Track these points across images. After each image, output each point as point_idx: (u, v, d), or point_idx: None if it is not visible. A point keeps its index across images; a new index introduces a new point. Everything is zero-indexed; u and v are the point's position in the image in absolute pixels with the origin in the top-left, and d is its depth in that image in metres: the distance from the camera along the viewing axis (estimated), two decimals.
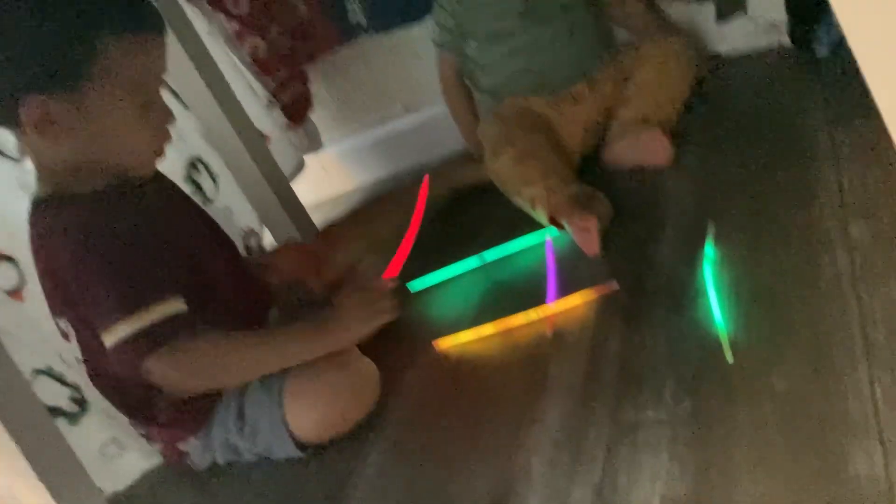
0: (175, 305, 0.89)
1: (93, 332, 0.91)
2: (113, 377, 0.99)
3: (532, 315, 1.01)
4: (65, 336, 0.98)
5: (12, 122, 0.90)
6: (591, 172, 1.26)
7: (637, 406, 0.81)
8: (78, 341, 0.97)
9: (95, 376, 1.01)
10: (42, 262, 0.94)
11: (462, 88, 1.42)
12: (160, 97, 0.96)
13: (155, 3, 0.97)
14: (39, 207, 0.94)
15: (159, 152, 0.98)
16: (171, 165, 1.29)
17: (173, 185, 1.09)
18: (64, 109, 0.88)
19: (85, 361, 0.99)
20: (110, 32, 0.89)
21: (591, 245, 1.07)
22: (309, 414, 0.97)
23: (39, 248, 0.94)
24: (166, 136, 0.97)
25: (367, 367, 1.00)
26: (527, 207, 1.18)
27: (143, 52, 0.92)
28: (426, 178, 1.25)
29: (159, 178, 1.05)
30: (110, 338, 0.88)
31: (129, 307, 0.87)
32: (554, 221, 1.13)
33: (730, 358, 0.81)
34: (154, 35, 0.94)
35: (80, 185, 0.92)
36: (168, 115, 0.96)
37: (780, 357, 0.78)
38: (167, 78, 1.37)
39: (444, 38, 1.39)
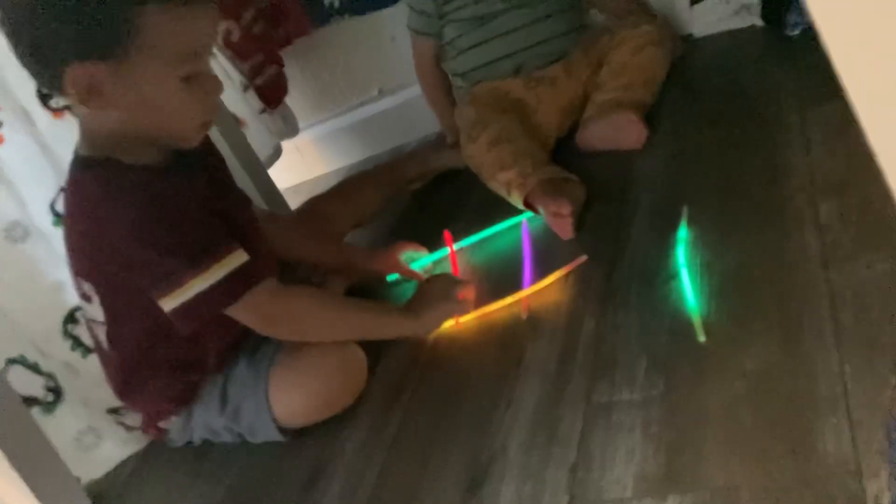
0: (239, 256, 0.90)
1: (134, 298, 0.91)
2: (129, 345, 0.98)
3: (507, 299, 1.01)
4: (86, 298, 0.97)
5: (58, 89, 0.88)
6: (565, 155, 1.26)
7: (611, 387, 0.82)
8: (102, 304, 0.96)
9: (112, 343, 0.99)
10: (86, 225, 0.92)
11: (439, 74, 1.40)
12: (208, 67, 0.94)
13: None
14: (86, 166, 0.92)
15: (206, 126, 0.96)
16: None
17: (218, 156, 1.07)
18: (108, 79, 0.86)
19: (106, 325, 0.98)
20: (156, 1, 0.86)
21: (565, 229, 1.07)
22: (294, 397, 0.97)
23: (86, 209, 0.92)
24: (214, 109, 0.96)
25: (356, 352, 1.00)
26: (502, 192, 1.18)
27: (191, 20, 0.89)
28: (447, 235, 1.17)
29: (208, 150, 1.03)
30: (178, 297, 0.88)
31: (199, 265, 0.88)
32: (529, 206, 1.13)
33: (702, 337, 0.82)
34: (203, 3, 0.90)
35: (128, 154, 0.91)
36: (216, 87, 0.94)
37: (751, 337, 0.79)
38: None
39: (423, 23, 1.36)
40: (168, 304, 0.89)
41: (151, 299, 0.90)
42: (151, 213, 0.89)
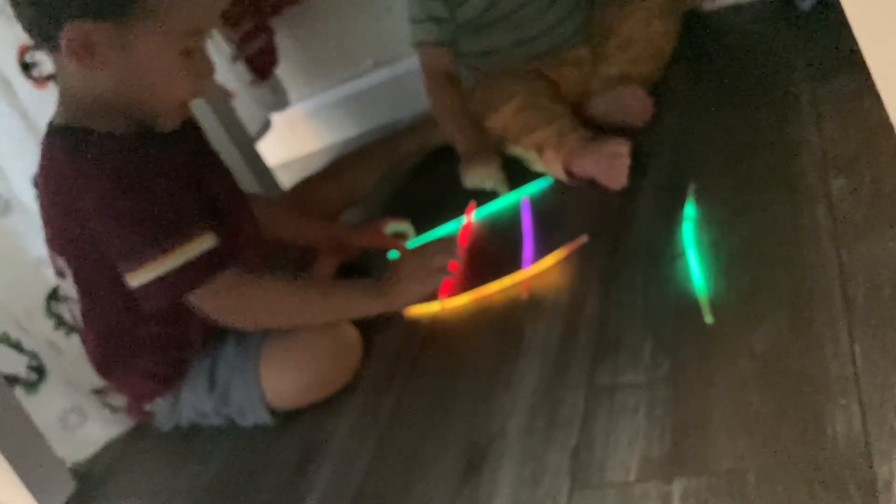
0: (207, 240, 0.88)
1: (106, 272, 0.89)
2: (105, 322, 0.96)
3: (507, 280, 0.99)
4: (60, 274, 0.95)
5: (51, 44, 0.86)
6: None
7: (615, 368, 0.80)
8: (76, 281, 0.93)
9: (87, 320, 0.97)
10: (54, 196, 0.90)
11: (457, 88, 1.27)
12: (205, 47, 0.92)
13: None
14: (59, 134, 0.90)
15: (186, 107, 0.94)
16: None
17: (197, 128, 1.04)
18: (107, 39, 0.84)
19: (80, 301, 0.95)
20: None
21: (620, 174, 1.03)
22: (286, 378, 0.94)
23: (54, 179, 0.90)
24: (203, 89, 0.94)
25: (350, 332, 0.98)
26: (530, 156, 1.13)
27: None
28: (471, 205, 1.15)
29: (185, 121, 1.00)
30: (142, 276, 0.87)
31: (164, 246, 0.86)
32: (566, 166, 1.08)
33: (709, 318, 0.79)
34: None
35: (102, 123, 0.89)
36: (209, 68, 0.92)
37: (760, 317, 0.77)
38: None
39: (436, 32, 1.25)
40: (132, 280, 0.87)
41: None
42: (121, 184, 0.86)
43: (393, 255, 1.14)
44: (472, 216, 1.14)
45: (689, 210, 0.93)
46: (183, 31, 0.87)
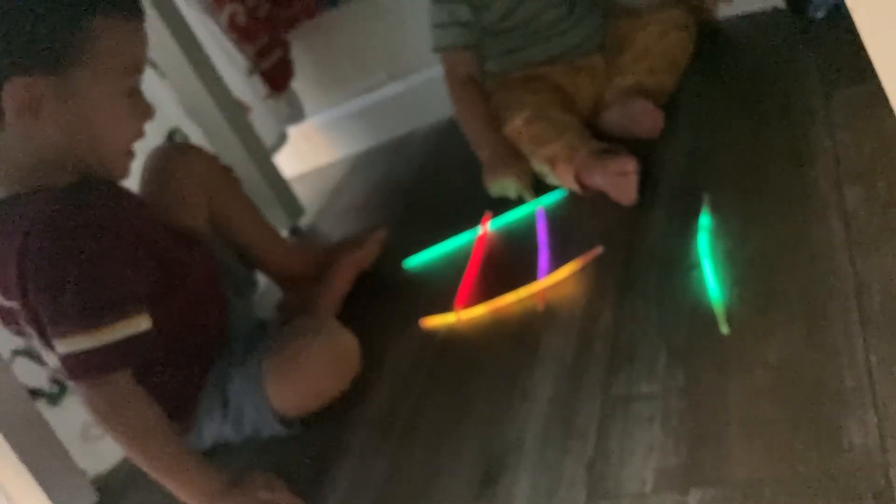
0: (137, 322, 0.85)
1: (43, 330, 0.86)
2: None
3: (523, 291, 0.99)
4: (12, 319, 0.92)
5: None
6: None
7: (630, 379, 0.80)
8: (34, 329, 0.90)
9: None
10: (8, 252, 0.87)
11: (479, 91, 1.26)
12: (140, 89, 0.93)
13: None
14: (4, 207, 0.89)
15: (131, 154, 0.95)
16: (149, 137, 1.26)
17: (129, 191, 1.04)
18: (51, 92, 0.85)
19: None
20: (104, 13, 0.86)
21: (629, 191, 1.03)
22: (290, 391, 0.96)
23: (5, 243, 0.87)
24: (142, 133, 0.94)
25: (347, 339, 0.99)
26: (543, 169, 1.14)
27: (133, 31, 0.90)
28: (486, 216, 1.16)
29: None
30: (64, 346, 0.84)
31: (92, 321, 0.83)
32: (578, 178, 1.09)
33: (725, 329, 0.79)
34: (140, 20, 0.91)
35: (45, 181, 0.89)
36: (148, 109, 0.93)
37: (774, 327, 0.77)
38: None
39: (461, 36, 1.24)
40: (58, 347, 0.84)
41: None
42: (56, 247, 0.84)
43: (408, 264, 1.15)
44: (488, 226, 1.15)
45: (704, 220, 0.93)
46: (124, 70, 0.88)
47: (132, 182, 1.06)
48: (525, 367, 0.88)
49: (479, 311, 1.00)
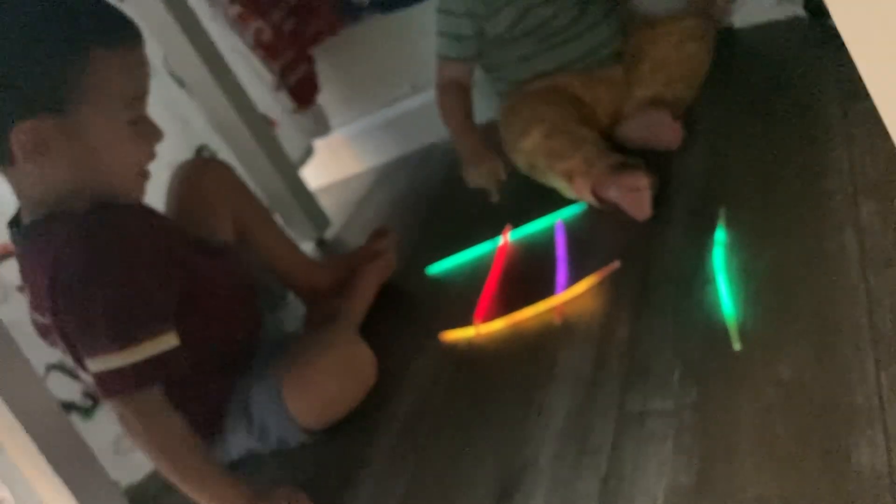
0: (166, 340, 0.88)
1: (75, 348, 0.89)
2: None
3: (540, 306, 1.00)
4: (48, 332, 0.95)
5: (4, 150, 0.87)
6: None
7: (644, 395, 0.81)
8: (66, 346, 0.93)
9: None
10: (38, 272, 0.90)
11: (463, 92, 1.30)
12: (146, 113, 0.95)
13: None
14: (32, 231, 0.92)
15: (145, 175, 0.96)
16: (177, 154, 1.29)
17: (153, 209, 1.06)
18: (56, 131, 0.87)
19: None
20: (100, 47, 0.87)
21: (643, 206, 1.03)
22: (307, 404, 0.98)
23: (36, 264, 0.90)
24: (152, 155, 0.96)
25: (361, 350, 1.02)
26: (560, 184, 1.15)
27: (132, 64, 0.91)
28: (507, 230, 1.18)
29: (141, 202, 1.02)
30: (95, 364, 0.86)
31: (122, 341, 0.85)
32: (595, 192, 1.10)
33: (737, 345, 0.80)
34: (138, 47, 0.92)
35: (65, 207, 0.91)
36: (157, 133, 0.95)
37: (786, 344, 0.77)
38: (174, 66, 1.39)
39: (458, 48, 1.28)
40: (91, 365, 0.87)
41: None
42: (85, 268, 0.86)
43: (431, 270, 1.17)
44: (509, 237, 1.16)
45: (720, 235, 0.94)
46: (126, 100, 0.89)
47: (158, 198, 1.09)
48: (541, 383, 0.89)
49: (498, 325, 1.02)
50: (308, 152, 1.61)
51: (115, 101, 0.89)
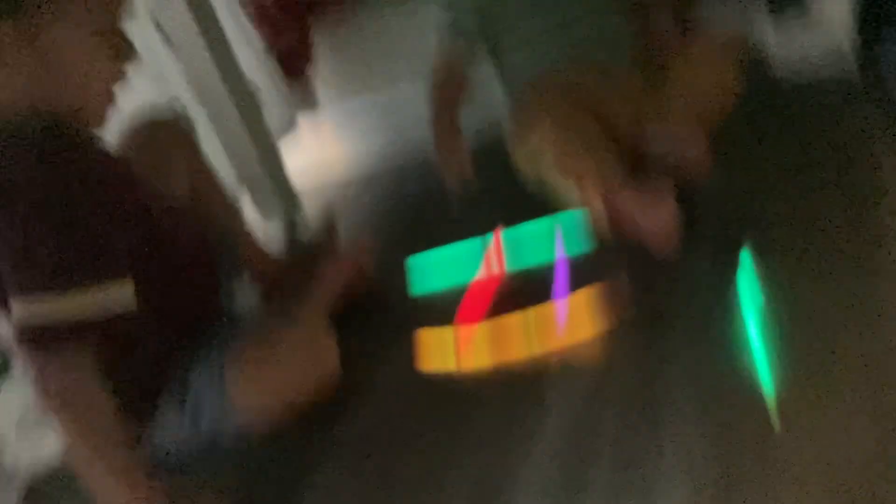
0: (115, 291, 0.76)
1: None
2: None
3: (535, 347, 0.87)
4: None
5: None
6: None
7: (645, 450, 0.69)
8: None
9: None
10: None
11: (453, 81, 1.24)
12: (119, 28, 0.83)
13: None
14: None
15: (110, 96, 0.84)
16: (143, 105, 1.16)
17: (110, 148, 0.93)
18: (11, 39, 0.76)
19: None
20: None
21: (668, 238, 0.90)
22: (255, 387, 0.84)
23: None
24: (120, 75, 0.83)
25: (324, 337, 0.88)
26: (565, 184, 1.03)
27: None
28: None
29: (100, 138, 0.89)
30: (24, 308, 0.73)
31: (64, 282, 0.73)
32: (606, 201, 0.98)
33: (777, 427, 0.67)
34: None
35: (24, 125, 0.78)
36: (127, 51, 0.83)
37: (831, 421, 0.66)
38: (156, 9, 1.25)
39: (456, 42, 1.24)
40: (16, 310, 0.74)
41: None
42: (29, 204, 0.74)
43: (417, 291, 1.06)
44: (501, 237, 1.05)
45: (747, 273, 0.82)
46: (88, 11, 0.79)
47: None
48: (528, 425, 0.77)
49: (482, 332, 0.89)
50: (291, 124, 1.48)
51: (80, 6, 0.78)
